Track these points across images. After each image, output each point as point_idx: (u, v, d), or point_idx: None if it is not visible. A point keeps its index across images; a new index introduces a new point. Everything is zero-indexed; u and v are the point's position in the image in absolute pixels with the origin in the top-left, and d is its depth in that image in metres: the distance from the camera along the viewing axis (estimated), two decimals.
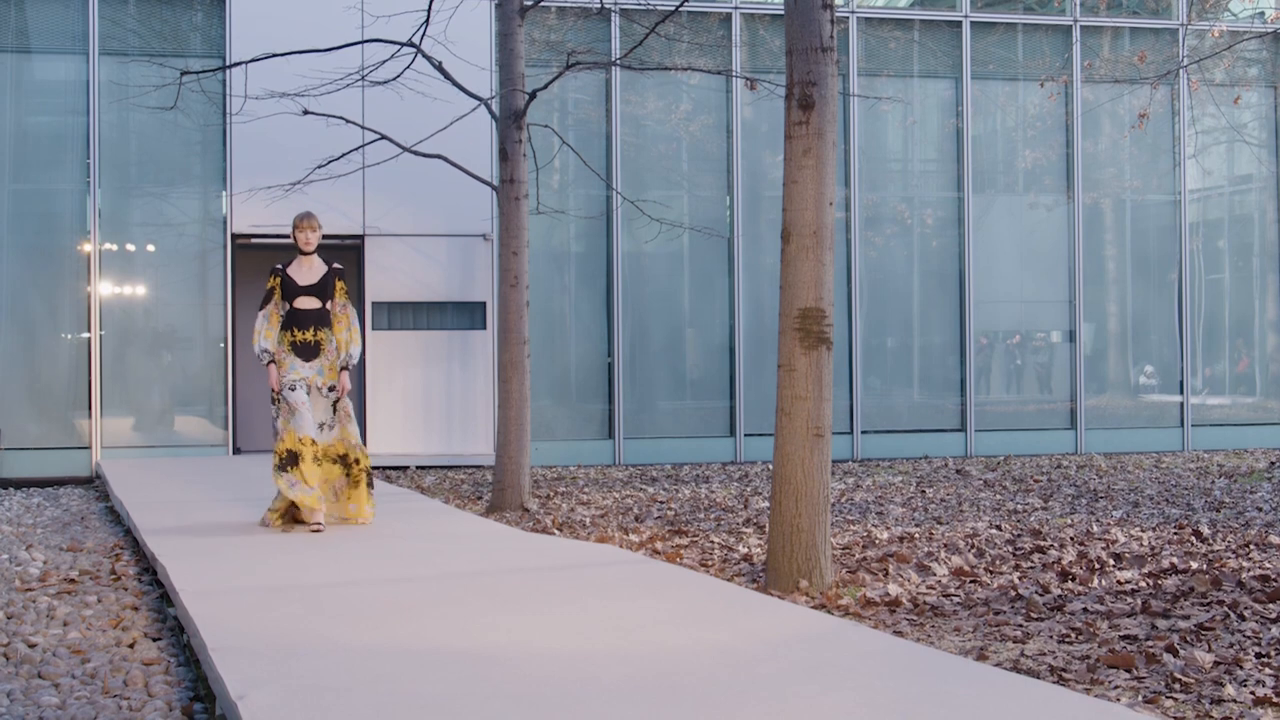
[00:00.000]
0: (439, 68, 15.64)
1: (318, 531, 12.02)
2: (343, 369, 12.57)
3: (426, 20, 15.47)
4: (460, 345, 20.49)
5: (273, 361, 12.46)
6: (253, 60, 16.08)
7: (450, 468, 20.11)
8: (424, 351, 20.43)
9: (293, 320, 12.56)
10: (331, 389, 12.55)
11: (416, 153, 16.22)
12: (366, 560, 10.18)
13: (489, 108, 16.01)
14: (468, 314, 20.63)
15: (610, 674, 6.31)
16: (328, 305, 12.67)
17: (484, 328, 20.55)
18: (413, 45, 15.51)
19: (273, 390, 12.49)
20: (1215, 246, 24.47)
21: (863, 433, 22.16)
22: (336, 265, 12.82)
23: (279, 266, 12.67)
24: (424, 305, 20.38)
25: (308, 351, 12.50)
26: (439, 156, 16.19)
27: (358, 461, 12.59)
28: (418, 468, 19.96)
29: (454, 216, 20.59)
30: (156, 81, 19.09)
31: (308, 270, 12.66)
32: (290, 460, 12.16)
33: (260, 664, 6.57)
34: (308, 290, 12.58)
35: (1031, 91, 23.35)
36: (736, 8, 21.88)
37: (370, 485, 12.67)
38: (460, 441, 20.49)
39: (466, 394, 20.56)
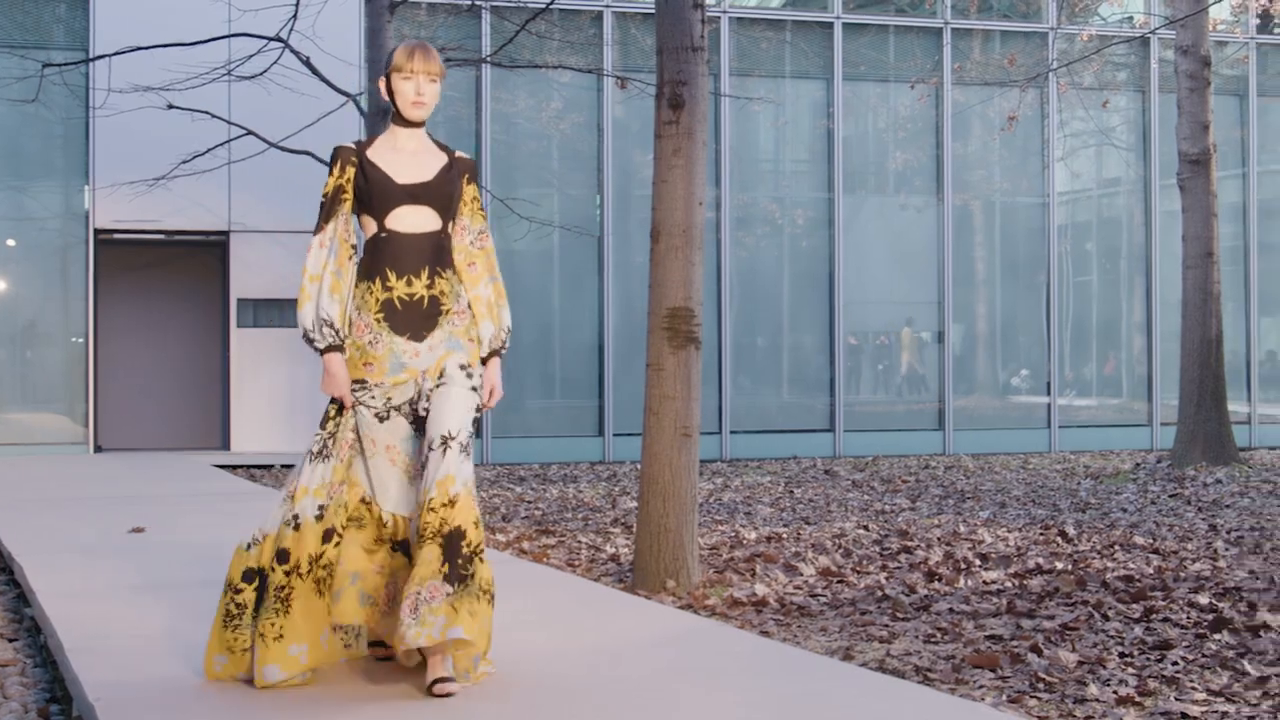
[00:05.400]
0: (307, 63, 15.51)
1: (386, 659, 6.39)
2: (492, 354, 6.42)
3: (294, 15, 15.35)
4: None
5: (336, 347, 6.13)
6: (116, 53, 15.90)
7: None
8: (290, 349, 20.23)
9: (383, 256, 6.20)
10: (468, 376, 6.27)
11: (283, 149, 16.06)
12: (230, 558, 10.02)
13: (358, 104, 15.90)
14: None
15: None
16: (450, 227, 6.33)
17: None
18: (280, 40, 15.37)
19: (332, 403, 6.25)
20: (1083, 249, 24.71)
21: (732, 433, 22.19)
22: (461, 153, 6.46)
23: (353, 146, 6.34)
24: (290, 302, 20.17)
25: (416, 319, 6.17)
26: (306, 153, 16.04)
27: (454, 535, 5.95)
28: (282, 466, 19.74)
29: None
30: (18, 74, 18.80)
31: (411, 158, 6.31)
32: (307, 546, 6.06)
33: (118, 664, 6.44)
34: (414, 194, 6.23)
35: (902, 93, 23.48)
36: (608, 6, 21.85)
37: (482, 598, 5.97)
38: None
39: None
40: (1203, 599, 8.64)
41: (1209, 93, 18.67)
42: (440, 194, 6.26)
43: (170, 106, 16.41)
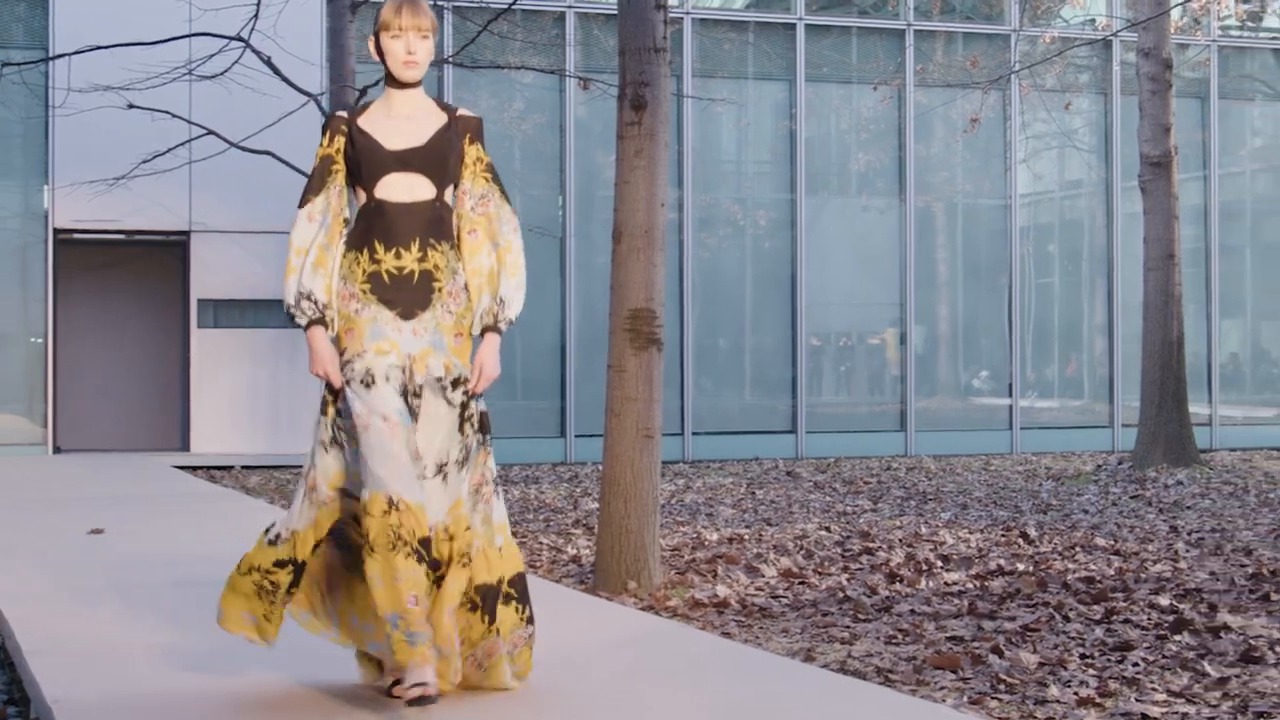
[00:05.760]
0: (268, 63, 15.46)
1: (425, 701, 5.40)
2: (486, 330, 6.05)
3: (256, 14, 15.30)
4: (288, 343, 20.22)
5: (320, 321, 5.86)
6: (76, 52, 15.82)
7: (276, 467, 19.80)
8: (250, 349, 20.16)
9: (373, 227, 5.80)
10: (458, 383, 5.89)
11: (244, 149, 16.00)
12: (191, 561, 9.97)
13: (319, 104, 15.85)
14: None
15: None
16: (447, 195, 5.90)
17: None
18: (241, 40, 15.32)
19: (328, 389, 5.91)
20: (1045, 251, 24.77)
21: (694, 434, 22.16)
22: (464, 111, 6.01)
23: (344, 114, 5.95)
24: (250, 303, 20.12)
25: (406, 294, 5.77)
26: (267, 153, 15.99)
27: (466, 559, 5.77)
28: (243, 467, 19.65)
29: (283, 213, 20.24)
30: None
31: (405, 122, 5.89)
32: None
33: (77, 667, 6.41)
34: (405, 161, 5.81)
35: (865, 95, 23.48)
36: (570, 7, 21.82)
37: (520, 614, 6.07)
38: (287, 440, 20.23)
39: (293, 392, 20.31)
40: (1163, 600, 8.66)
41: (1170, 95, 18.71)
42: (434, 159, 5.83)
43: (130, 106, 16.34)
